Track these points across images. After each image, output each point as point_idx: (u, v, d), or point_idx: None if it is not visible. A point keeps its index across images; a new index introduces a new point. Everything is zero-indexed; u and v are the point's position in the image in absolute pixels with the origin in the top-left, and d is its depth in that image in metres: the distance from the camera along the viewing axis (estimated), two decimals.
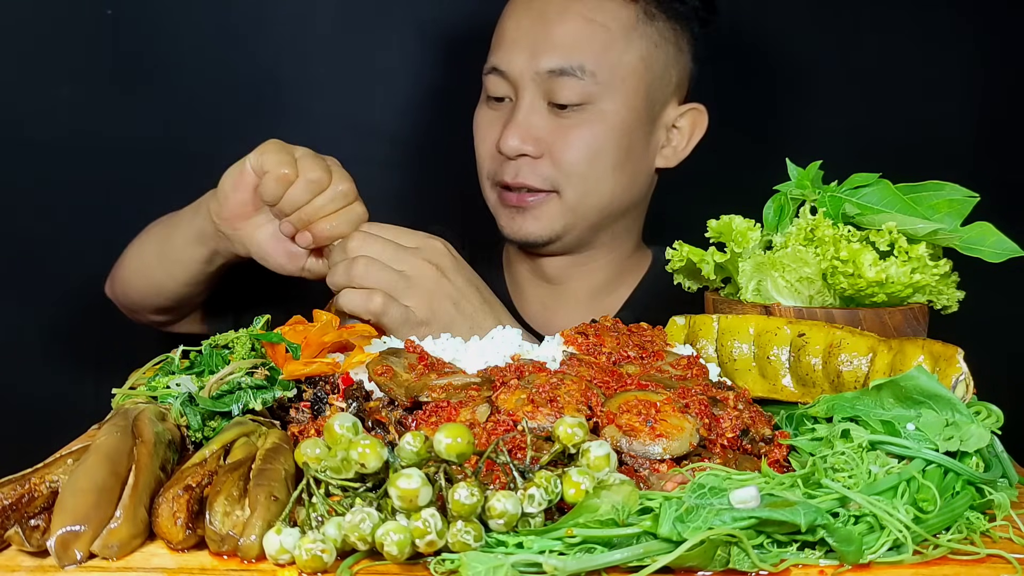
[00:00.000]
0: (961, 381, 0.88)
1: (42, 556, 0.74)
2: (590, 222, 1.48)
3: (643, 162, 1.50)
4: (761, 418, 0.90)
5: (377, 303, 1.17)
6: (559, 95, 1.41)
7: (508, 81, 1.45)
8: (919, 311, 1.05)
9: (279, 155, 1.21)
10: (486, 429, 0.84)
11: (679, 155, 1.54)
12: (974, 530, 0.76)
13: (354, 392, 0.94)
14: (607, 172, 1.45)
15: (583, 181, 1.44)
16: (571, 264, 1.55)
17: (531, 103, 1.43)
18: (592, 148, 1.43)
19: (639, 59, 1.44)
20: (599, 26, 1.42)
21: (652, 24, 1.45)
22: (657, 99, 1.48)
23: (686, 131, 1.53)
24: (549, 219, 1.46)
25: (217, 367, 0.95)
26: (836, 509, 0.74)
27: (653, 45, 1.45)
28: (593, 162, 1.43)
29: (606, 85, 1.42)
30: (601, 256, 1.56)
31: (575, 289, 1.57)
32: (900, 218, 1.05)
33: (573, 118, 1.42)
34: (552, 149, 1.43)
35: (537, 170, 1.44)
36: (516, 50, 1.43)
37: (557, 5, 1.43)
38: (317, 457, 0.75)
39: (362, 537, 0.69)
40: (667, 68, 1.48)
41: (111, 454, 0.77)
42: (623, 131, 1.44)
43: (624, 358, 0.99)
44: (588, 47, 1.41)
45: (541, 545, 0.70)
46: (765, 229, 1.13)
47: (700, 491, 0.73)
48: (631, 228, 1.57)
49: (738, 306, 1.08)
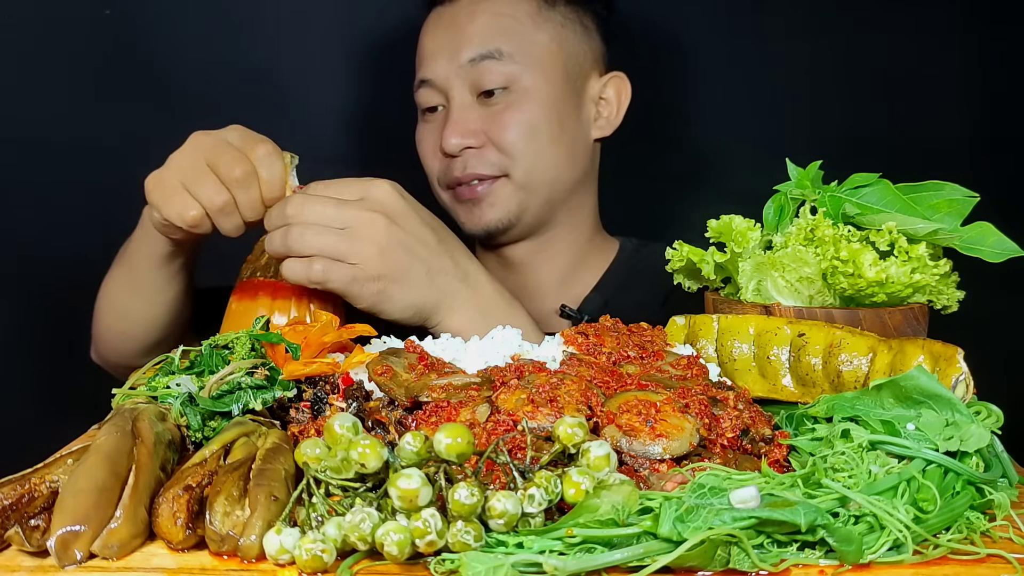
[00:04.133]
0: (961, 381, 0.88)
1: (42, 556, 0.74)
2: (543, 198, 1.56)
3: (579, 134, 1.58)
4: (761, 418, 0.90)
5: (317, 271, 1.13)
6: (484, 81, 1.50)
7: (436, 89, 1.54)
8: (919, 311, 1.05)
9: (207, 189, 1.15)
10: (486, 429, 0.84)
11: (613, 123, 1.62)
12: (974, 530, 0.76)
13: (354, 392, 0.94)
14: (546, 145, 1.53)
15: (526, 158, 1.52)
16: (534, 250, 1.62)
17: (462, 100, 1.52)
18: (526, 125, 1.51)
19: (550, 39, 1.54)
20: (507, 17, 1.53)
21: (554, 9, 1.56)
22: (577, 74, 1.57)
23: (613, 100, 1.61)
24: (504, 203, 1.54)
25: (217, 367, 0.95)
26: (836, 509, 0.74)
27: (559, 26, 1.56)
28: (531, 138, 1.52)
29: (525, 65, 1.51)
30: (561, 238, 1.62)
31: (541, 276, 1.64)
32: (900, 218, 1.05)
33: (502, 102, 1.51)
34: (491, 136, 1.51)
35: (483, 158, 1.52)
36: (437, 58, 1.54)
37: (465, 10, 1.54)
38: (317, 457, 0.75)
39: (362, 537, 0.69)
40: (579, 44, 1.58)
41: (111, 454, 0.77)
42: (551, 105, 1.53)
43: (624, 358, 0.99)
44: (501, 33, 1.52)
45: (541, 545, 0.70)
46: (765, 229, 1.13)
47: (700, 491, 0.73)
48: (587, 206, 1.64)
49: (738, 306, 1.08)
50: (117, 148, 1.87)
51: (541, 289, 1.63)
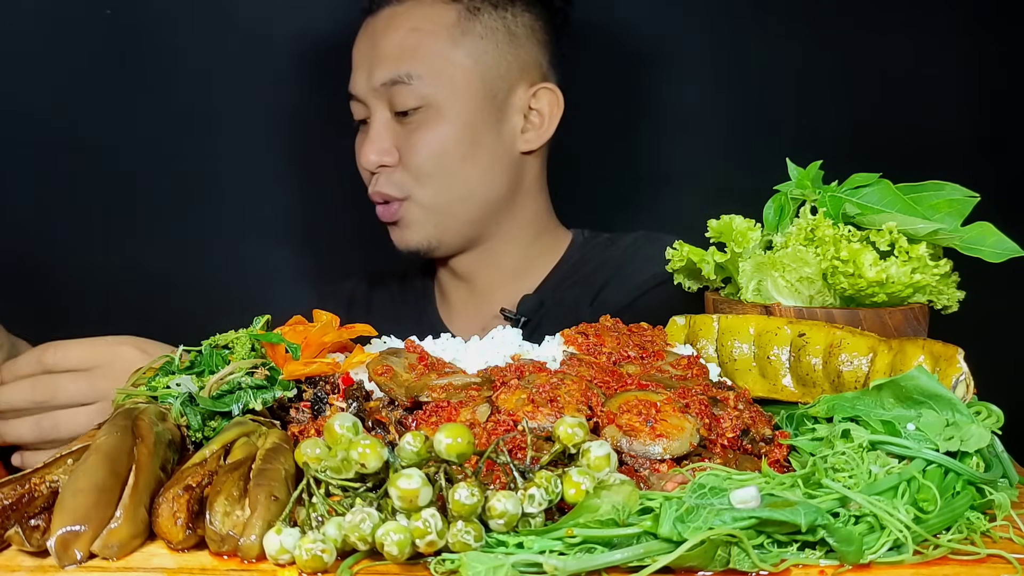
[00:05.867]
0: (961, 381, 0.88)
1: (42, 556, 0.74)
2: (460, 219, 1.55)
3: (500, 150, 1.55)
4: (761, 418, 0.90)
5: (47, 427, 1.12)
6: (397, 103, 1.50)
7: (360, 102, 1.55)
8: (919, 311, 1.05)
9: None
10: (486, 429, 0.84)
11: (543, 136, 1.58)
12: (974, 530, 0.76)
13: (354, 392, 0.94)
14: (456, 166, 1.51)
15: (432, 180, 1.52)
16: (477, 259, 1.62)
17: (379, 118, 1.53)
18: (435, 146, 1.51)
19: (466, 54, 1.52)
20: (423, 33, 1.51)
21: (476, 19, 1.53)
22: (498, 87, 1.54)
23: (545, 111, 1.57)
24: (419, 225, 1.55)
25: (217, 367, 0.95)
26: (836, 509, 0.74)
27: (479, 38, 1.52)
28: (440, 160, 1.51)
29: (437, 85, 1.50)
30: (501, 246, 1.61)
31: (487, 282, 1.64)
32: (900, 218, 1.05)
33: (415, 122, 1.51)
34: (403, 155, 1.52)
35: (392, 179, 1.53)
36: (359, 73, 1.55)
37: (383, 23, 1.54)
38: (317, 457, 0.75)
39: (362, 537, 0.69)
40: (501, 56, 1.54)
41: (111, 454, 0.77)
42: (464, 124, 1.51)
43: (624, 358, 0.99)
44: (413, 55, 1.50)
45: (541, 545, 0.70)
46: (765, 229, 1.13)
47: (700, 491, 0.73)
48: (526, 215, 1.62)
49: (738, 306, 1.08)
50: (117, 147, 1.87)
51: (488, 294, 1.64)
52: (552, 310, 1.57)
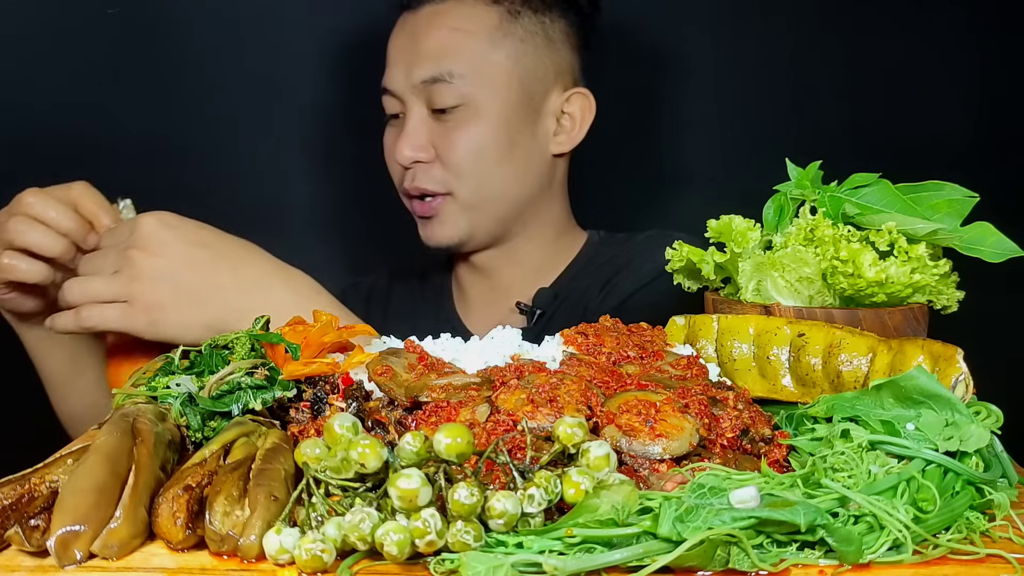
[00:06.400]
0: (961, 381, 0.88)
1: (42, 556, 0.74)
2: (493, 216, 1.58)
3: (533, 151, 1.59)
4: (761, 418, 0.90)
5: (85, 317, 1.16)
6: (436, 101, 1.53)
7: (396, 98, 1.57)
8: (919, 311, 1.05)
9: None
10: (486, 429, 0.84)
11: (574, 139, 1.62)
12: (974, 530, 0.76)
13: (354, 392, 0.94)
14: (493, 166, 1.55)
15: (471, 178, 1.55)
16: (498, 255, 1.66)
17: (416, 113, 1.55)
18: (474, 145, 1.53)
19: (506, 56, 1.55)
20: (464, 33, 1.54)
21: (517, 22, 1.56)
22: (535, 90, 1.57)
23: (576, 116, 1.61)
24: (453, 221, 1.57)
25: (217, 367, 0.95)
26: (836, 509, 0.74)
27: (519, 41, 1.56)
28: (477, 158, 1.54)
29: (478, 85, 1.53)
30: (524, 245, 1.65)
31: (507, 278, 1.67)
32: (900, 218, 1.05)
33: (453, 120, 1.53)
34: (440, 152, 1.54)
35: (430, 174, 1.55)
36: (396, 68, 1.56)
37: (425, 21, 1.56)
38: (317, 457, 0.75)
39: (362, 537, 0.69)
40: (539, 60, 1.57)
41: (111, 454, 0.77)
42: (502, 125, 1.54)
43: (624, 358, 0.99)
44: (455, 54, 1.53)
45: (541, 545, 0.70)
46: (765, 229, 1.13)
47: (700, 491, 0.73)
48: (550, 215, 1.66)
49: (738, 306, 1.08)
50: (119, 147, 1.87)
51: (509, 289, 1.67)
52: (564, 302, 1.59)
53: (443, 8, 1.56)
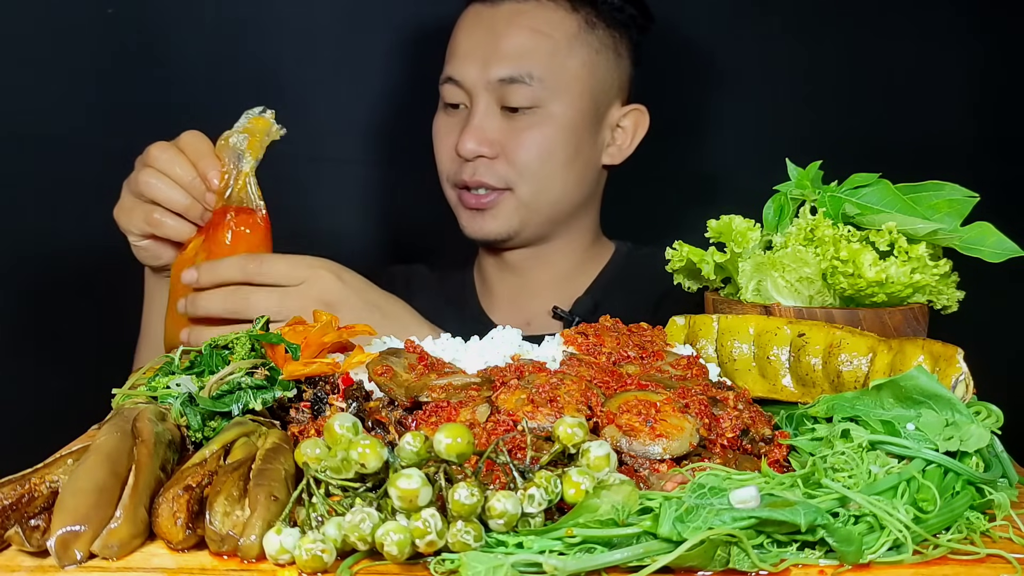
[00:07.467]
0: (961, 381, 0.88)
1: (42, 556, 0.73)
2: (545, 217, 1.60)
3: (591, 160, 1.62)
4: (761, 418, 0.90)
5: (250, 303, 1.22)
6: (511, 99, 1.54)
7: (463, 89, 1.57)
8: (919, 311, 1.05)
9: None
10: (486, 429, 0.84)
11: (624, 152, 1.66)
12: (974, 530, 0.76)
13: (354, 392, 0.94)
14: (558, 169, 1.57)
15: (535, 179, 1.56)
16: (532, 256, 1.67)
17: (485, 108, 1.55)
18: (543, 147, 1.55)
19: (582, 64, 1.57)
20: (544, 36, 1.55)
21: (593, 32, 1.59)
22: (601, 101, 1.61)
23: (630, 130, 1.66)
24: (506, 216, 1.58)
25: (217, 367, 0.95)
26: (836, 509, 0.74)
27: (594, 51, 1.59)
28: (545, 160, 1.56)
29: (553, 89, 1.54)
30: (559, 249, 1.67)
31: (537, 279, 1.68)
32: (900, 218, 1.05)
33: (524, 120, 1.55)
34: (506, 150, 1.55)
35: (493, 169, 1.56)
36: (469, 61, 1.56)
37: (505, 18, 1.56)
38: (317, 457, 0.75)
39: (362, 537, 0.69)
40: (608, 72, 1.61)
41: (111, 454, 0.77)
42: (571, 131, 1.57)
43: (624, 358, 0.99)
44: (535, 56, 1.54)
45: (541, 545, 0.70)
46: (765, 229, 1.13)
47: (700, 491, 0.73)
48: (587, 222, 1.69)
49: (738, 306, 1.08)
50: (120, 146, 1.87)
51: (536, 290, 1.68)
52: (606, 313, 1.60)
53: (525, 8, 1.56)
